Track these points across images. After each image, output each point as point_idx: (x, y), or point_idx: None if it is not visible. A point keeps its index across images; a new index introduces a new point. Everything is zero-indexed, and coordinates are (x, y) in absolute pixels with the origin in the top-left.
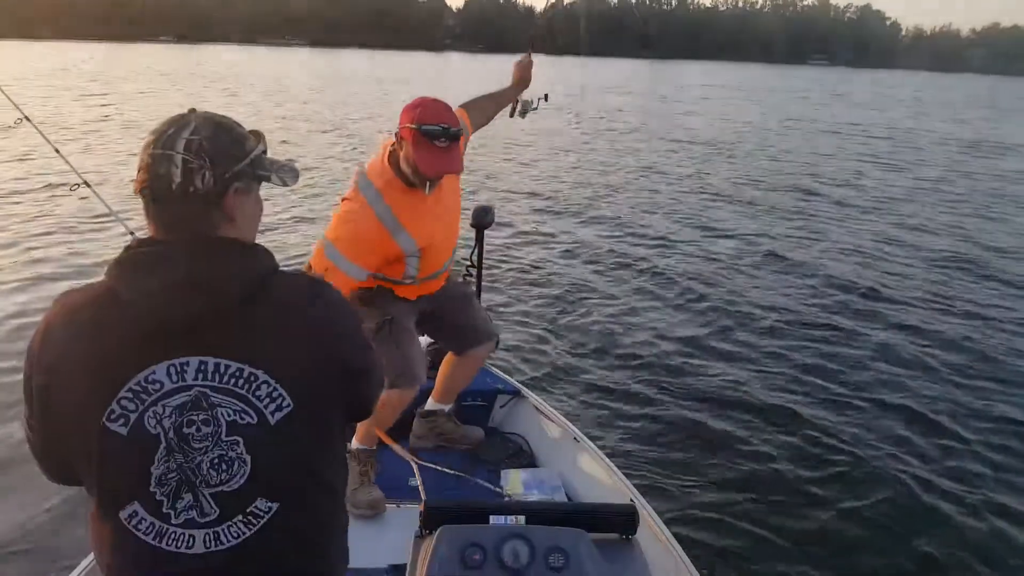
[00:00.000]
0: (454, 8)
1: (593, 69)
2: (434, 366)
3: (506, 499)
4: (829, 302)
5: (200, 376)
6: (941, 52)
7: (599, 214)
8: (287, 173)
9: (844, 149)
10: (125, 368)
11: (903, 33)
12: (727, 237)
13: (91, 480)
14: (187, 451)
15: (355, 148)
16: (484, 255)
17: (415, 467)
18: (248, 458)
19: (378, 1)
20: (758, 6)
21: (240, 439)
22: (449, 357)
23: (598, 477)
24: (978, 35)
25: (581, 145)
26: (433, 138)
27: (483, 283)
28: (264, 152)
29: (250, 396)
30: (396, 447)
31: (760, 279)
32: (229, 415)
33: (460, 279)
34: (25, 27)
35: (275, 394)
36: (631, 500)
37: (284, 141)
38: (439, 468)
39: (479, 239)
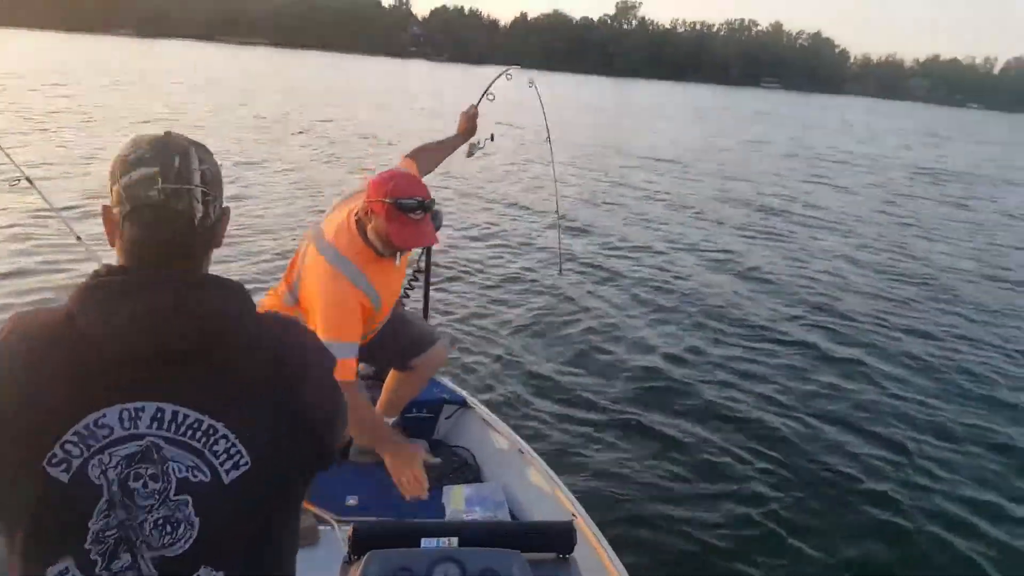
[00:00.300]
0: (419, 16)
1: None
2: (378, 377)
3: (443, 519)
4: (773, 313)
5: (155, 424)
6: (886, 80)
7: (551, 220)
8: None
9: (796, 170)
10: (74, 408)
11: (851, 61)
12: (680, 248)
13: (18, 529)
14: (131, 507)
15: (317, 150)
16: (431, 257)
17: (353, 484)
18: (196, 521)
19: (343, 5)
20: (714, 29)
21: (190, 498)
22: (393, 371)
23: (542, 492)
24: (921, 66)
25: (537, 153)
26: (409, 211)
27: (430, 288)
28: None
29: (206, 451)
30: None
31: (708, 289)
32: (181, 471)
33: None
34: None
35: (233, 450)
36: (573, 515)
37: (242, 140)
38: (378, 484)
39: (426, 248)
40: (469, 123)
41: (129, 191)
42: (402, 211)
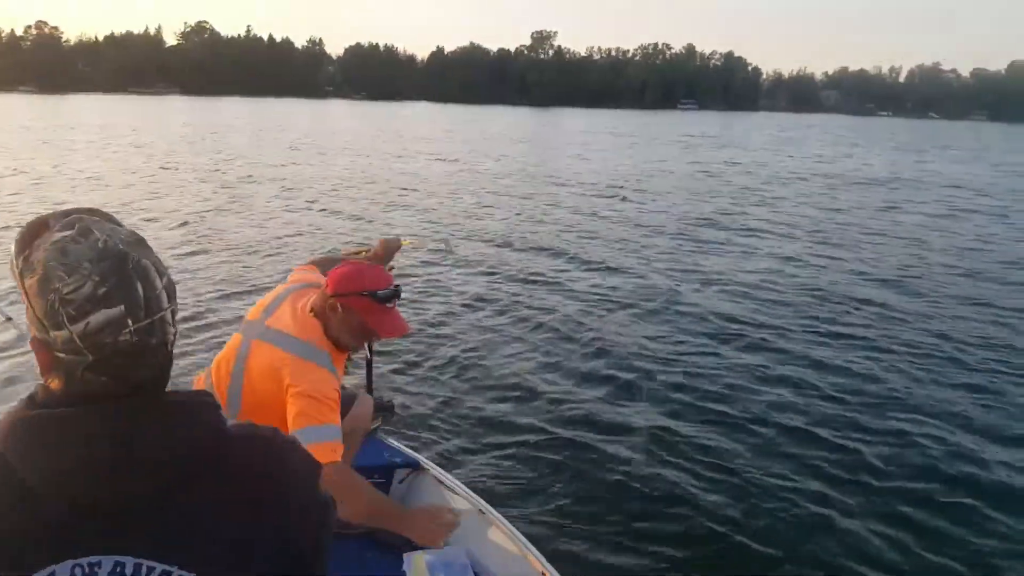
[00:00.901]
0: (334, 55)
1: (474, 116)
2: None
3: None
4: (719, 338)
5: None
6: (799, 94)
7: (492, 264)
8: None
9: (721, 187)
10: (16, 567)
11: (764, 77)
12: (623, 279)
13: None
14: None
15: (233, 200)
16: None
17: None
18: None
19: (255, 48)
20: (629, 55)
21: None
22: None
23: (508, 551)
24: (830, 78)
25: (461, 188)
26: (386, 301)
27: (374, 346)
28: None
29: None
30: None
31: (653, 323)
32: None
33: None
34: None
35: None
36: (543, 573)
37: (156, 195)
38: (341, 553)
39: None
40: (388, 254)
41: (89, 341)
42: (379, 301)
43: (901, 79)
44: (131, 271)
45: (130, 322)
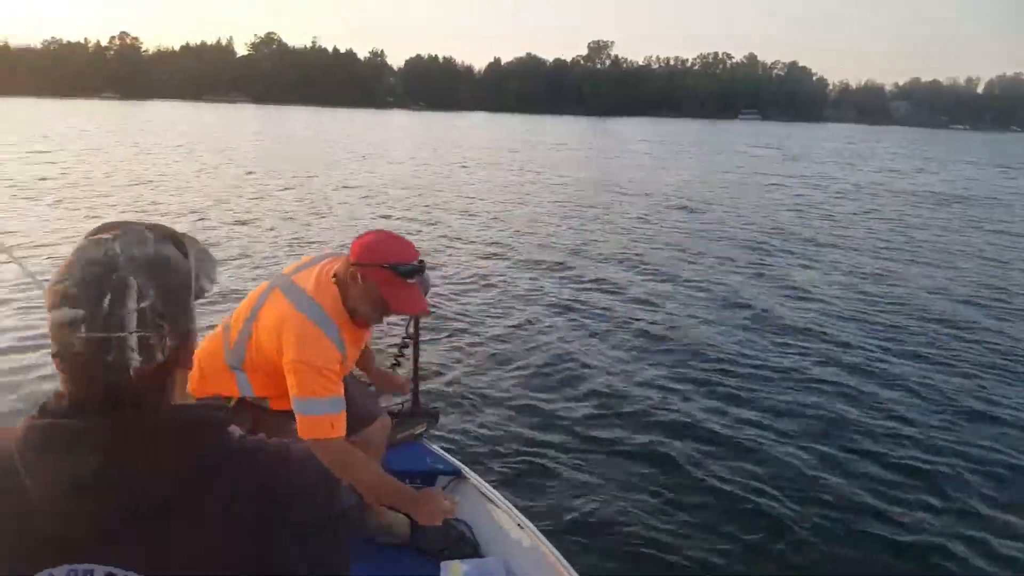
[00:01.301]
0: (395, 67)
1: (531, 126)
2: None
3: None
4: (787, 352)
5: None
6: (866, 106)
7: (546, 268)
8: (211, 270)
9: (784, 199)
10: (17, 564)
11: (830, 88)
12: (679, 287)
13: None
14: None
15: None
16: (420, 321)
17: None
18: None
19: (321, 59)
20: (688, 64)
21: None
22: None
23: (545, 565)
24: (901, 89)
25: (524, 197)
26: (407, 276)
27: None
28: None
29: None
30: None
31: (715, 333)
32: None
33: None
34: None
35: None
36: None
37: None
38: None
39: None
40: (389, 387)
41: (53, 331)
42: (400, 276)
43: (979, 90)
44: (108, 284)
45: (83, 328)
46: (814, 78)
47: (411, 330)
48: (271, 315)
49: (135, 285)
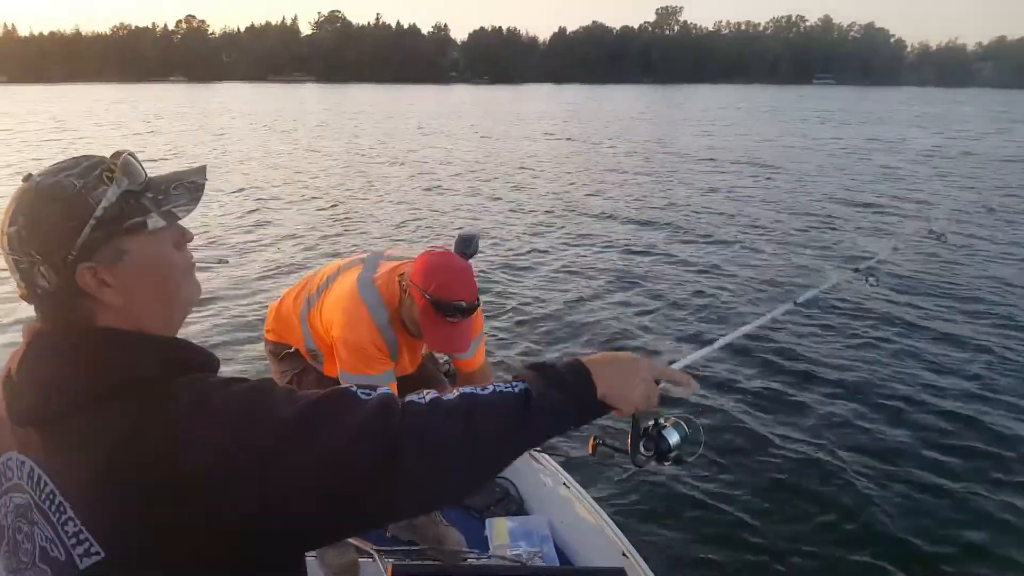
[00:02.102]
0: (458, 41)
1: (598, 95)
2: None
3: (487, 552)
4: (857, 332)
5: (30, 482)
6: (948, 67)
7: (601, 237)
8: (178, 196)
9: (861, 166)
10: None
11: (908, 50)
12: (741, 263)
13: None
14: (14, 560)
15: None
16: None
17: None
18: None
19: (384, 36)
20: (760, 28)
21: (49, 571)
22: None
23: (590, 529)
24: (985, 49)
25: (586, 165)
26: (449, 314)
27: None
28: (132, 188)
29: (59, 527)
30: None
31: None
32: (42, 540)
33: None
34: (39, 71)
35: (82, 536)
36: (624, 554)
37: (302, 175)
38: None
39: None
40: None
41: None
42: (440, 312)
43: None
44: (8, 208)
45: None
46: (892, 40)
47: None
48: (343, 282)
49: (10, 211)
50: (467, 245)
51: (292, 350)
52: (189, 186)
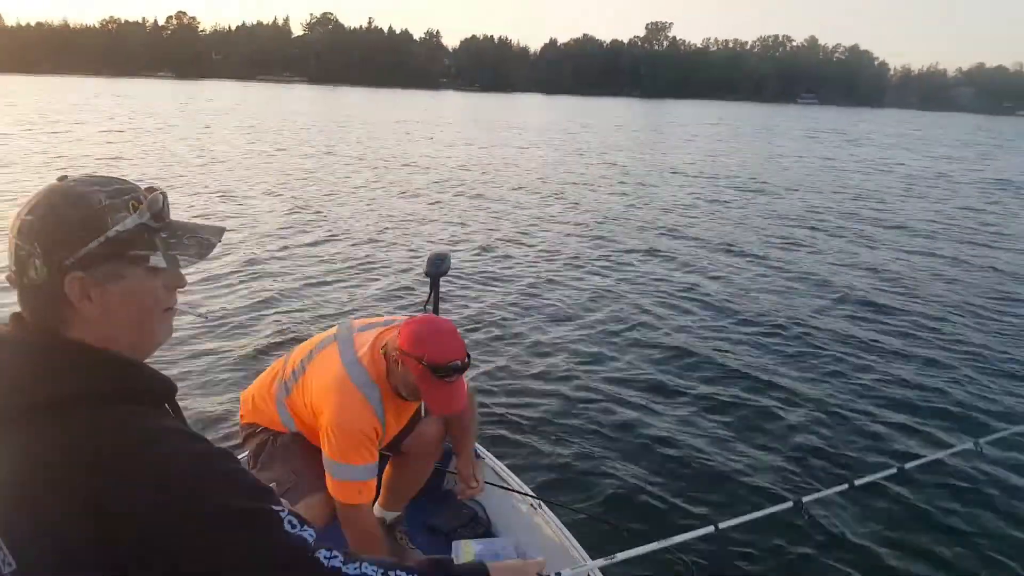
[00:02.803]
0: (450, 48)
1: (586, 107)
2: None
3: None
4: (835, 352)
5: None
6: (929, 91)
7: (573, 253)
8: (189, 246)
9: (847, 185)
10: None
11: (891, 72)
12: (718, 278)
13: None
14: None
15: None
16: (439, 305)
17: None
18: None
19: (376, 40)
20: (748, 46)
21: None
22: (392, 459)
23: (556, 545)
24: (964, 75)
25: (562, 179)
26: (445, 376)
27: None
28: (150, 224)
29: None
30: None
31: (752, 326)
32: None
33: None
34: (26, 62)
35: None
36: (588, 572)
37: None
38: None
39: (434, 288)
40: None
41: None
42: (437, 375)
43: None
44: (31, 200)
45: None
46: (876, 62)
47: (429, 309)
48: (323, 365)
49: (35, 199)
50: (439, 264)
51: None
52: (202, 241)
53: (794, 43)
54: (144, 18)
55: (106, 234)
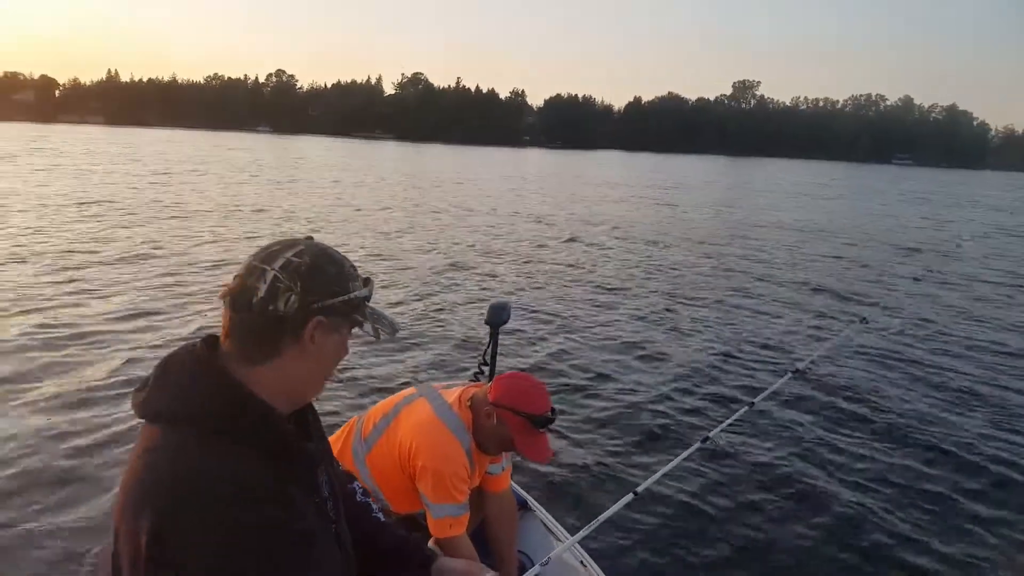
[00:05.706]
0: (534, 106)
1: (668, 164)
2: None
3: None
4: (913, 408)
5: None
6: None
7: (637, 306)
8: (385, 326)
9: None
10: None
11: (992, 133)
12: (784, 337)
13: None
14: None
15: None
16: (498, 355)
17: None
18: None
19: (463, 99)
20: (839, 105)
21: None
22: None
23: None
24: None
25: (633, 234)
26: (541, 426)
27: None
28: (367, 298)
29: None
30: None
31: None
32: None
33: None
34: (136, 115)
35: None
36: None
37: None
38: None
39: (493, 338)
40: None
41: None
42: (533, 425)
43: None
44: (291, 243)
45: (253, 257)
46: (975, 123)
47: (487, 357)
48: (413, 416)
49: (301, 246)
50: (499, 313)
51: None
52: (393, 323)
53: (888, 102)
54: (246, 75)
55: (349, 294)
